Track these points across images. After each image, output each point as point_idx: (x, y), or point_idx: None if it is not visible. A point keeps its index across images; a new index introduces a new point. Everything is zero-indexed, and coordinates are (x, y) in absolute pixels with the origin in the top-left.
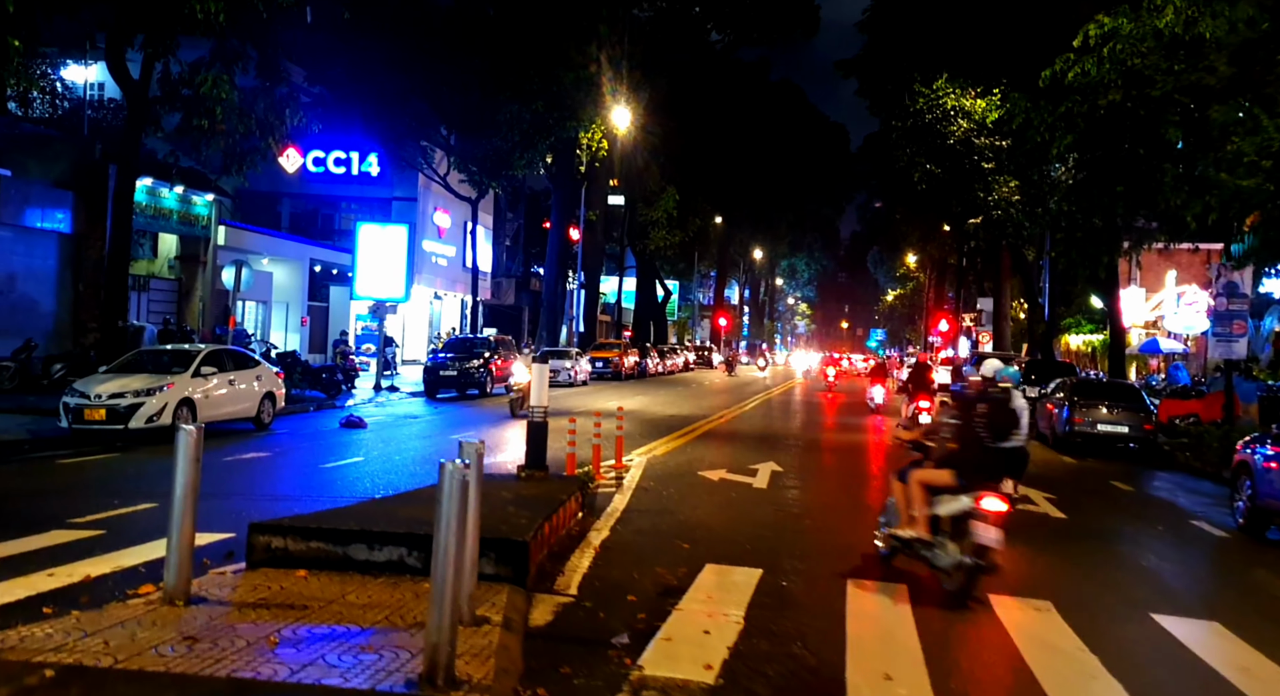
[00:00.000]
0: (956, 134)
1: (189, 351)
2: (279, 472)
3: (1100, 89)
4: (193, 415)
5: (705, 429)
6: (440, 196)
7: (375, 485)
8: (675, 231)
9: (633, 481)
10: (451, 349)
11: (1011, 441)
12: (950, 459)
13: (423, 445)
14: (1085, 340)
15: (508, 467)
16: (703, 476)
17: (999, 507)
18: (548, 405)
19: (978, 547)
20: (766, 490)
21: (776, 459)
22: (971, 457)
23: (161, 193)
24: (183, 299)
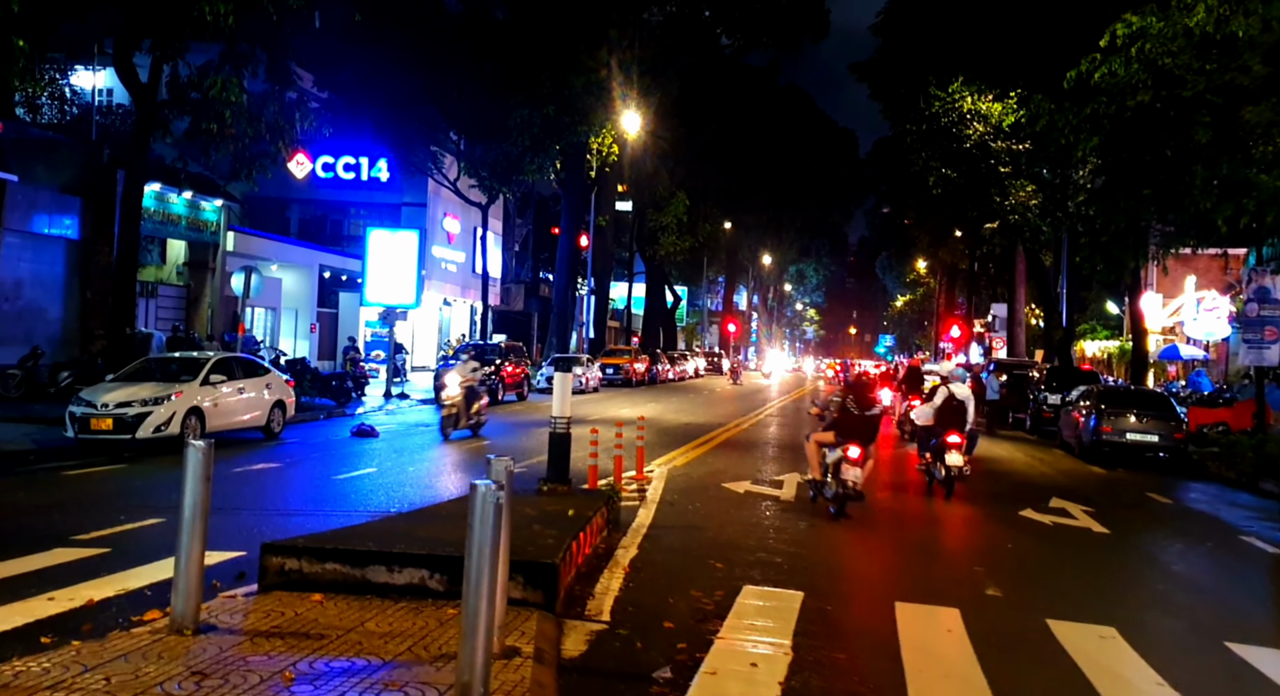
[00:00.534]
0: (973, 137)
1: (197, 359)
2: (290, 485)
3: (1128, 90)
4: (201, 425)
5: (723, 438)
6: (450, 202)
7: (390, 499)
8: (685, 237)
9: (656, 494)
10: (462, 356)
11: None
12: (832, 424)
13: (435, 455)
14: (1101, 347)
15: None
16: (727, 488)
17: (856, 454)
18: (570, 415)
19: (843, 482)
20: (794, 502)
21: (800, 469)
22: (844, 423)
23: (170, 198)
24: (191, 305)
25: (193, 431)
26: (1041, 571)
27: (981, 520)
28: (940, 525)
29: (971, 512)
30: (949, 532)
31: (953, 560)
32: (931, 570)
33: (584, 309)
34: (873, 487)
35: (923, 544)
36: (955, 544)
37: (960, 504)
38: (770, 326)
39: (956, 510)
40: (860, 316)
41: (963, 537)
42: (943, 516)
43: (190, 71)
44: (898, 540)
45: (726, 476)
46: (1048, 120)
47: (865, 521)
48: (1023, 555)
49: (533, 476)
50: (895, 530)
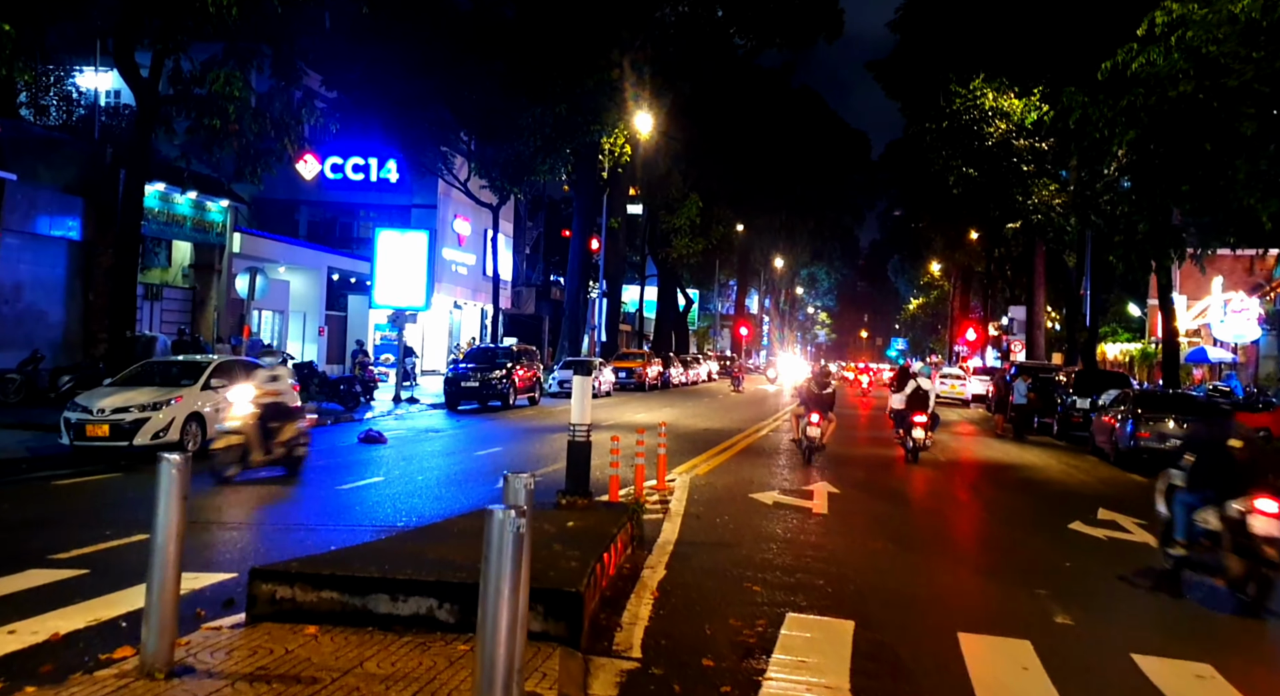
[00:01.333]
0: (995, 135)
1: (199, 362)
2: (292, 495)
3: (1169, 80)
4: (202, 431)
5: (743, 444)
6: (460, 203)
7: (397, 511)
8: (698, 239)
9: (680, 506)
10: (473, 359)
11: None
12: (803, 401)
13: (446, 464)
14: (1123, 349)
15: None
16: (755, 499)
17: (816, 420)
18: (590, 422)
19: (809, 437)
20: (829, 516)
21: (829, 478)
22: (809, 399)
23: (174, 198)
24: (197, 308)
25: (193, 438)
26: (1110, 595)
27: (1029, 535)
28: (990, 542)
29: (1018, 527)
30: (1000, 550)
31: (1010, 582)
32: (990, 594)
33: (596, 312)
34: (910, 498)
35: (975, 563)
36: (1009, 563)
37: (1004, 516)
38: (782, 330)
39: (1002, 524)
40: (871, 320)
41: (1015, 555)
42: (991, 532)
43: (193, 66)
44: (947, 559)
45: (753, 486)
46: (1081, 113)
47: (907, 537)
48: (1084, 575)
49: (549, 487)
50: (942, 547)
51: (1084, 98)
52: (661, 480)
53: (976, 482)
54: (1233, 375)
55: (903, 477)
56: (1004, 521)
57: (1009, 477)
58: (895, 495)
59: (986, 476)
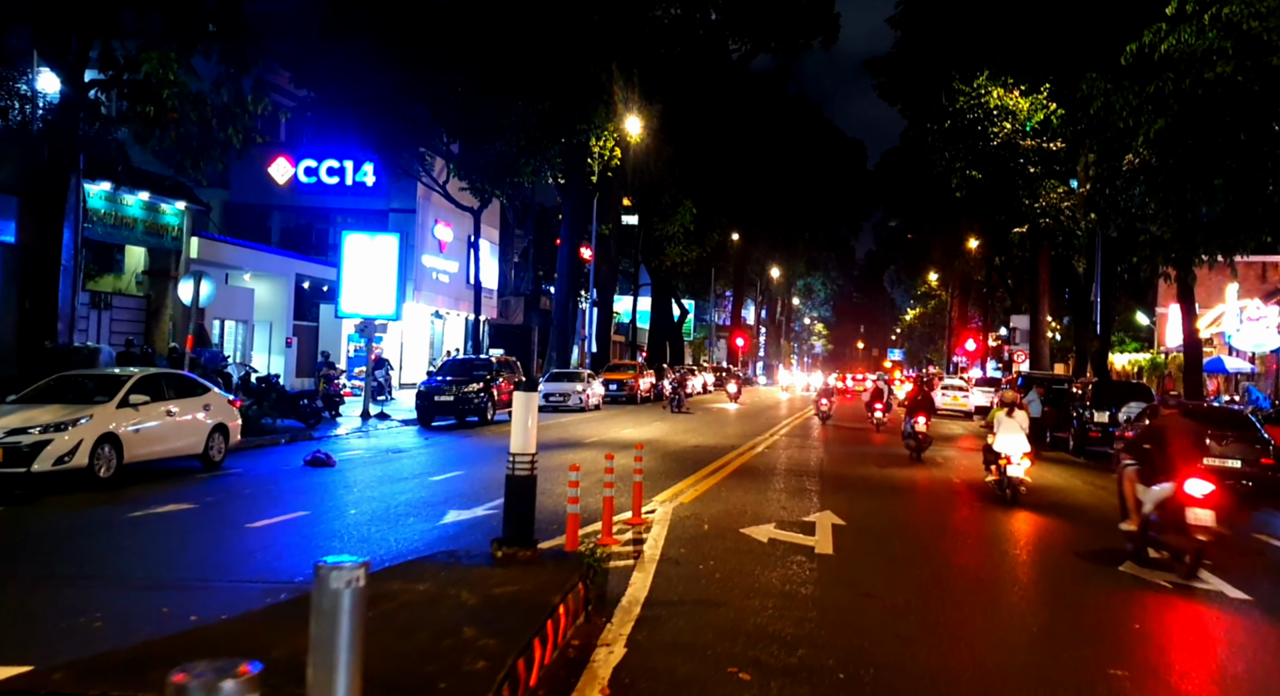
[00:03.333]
0: (1000, 135)
1: (118, 376)
2: (187, 536)
3: (1204, 61)
4: (118, 454)
5: (737, 463)
6: (441, 208)
7: (304, 559)
8: (693, 247)
9: (656, 547)
10: (448, 371)
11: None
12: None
13: (391, 493)
14: (1131, 359)
15: (476, 513)
16: (747, 535)
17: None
18: (535, 451)
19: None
20: (834, 556)
21: (832, 505)
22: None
23: (123, 199)
24: (151, 318)
25: (106, 463)
26: (1208, 675)
27: (1078, 581)
28: (1035, 593)
29: (1063, 570)
30: (1050, 605)
31: (1075, 657)
32: (1053, 677)
33: (586, 322)
34: (927, 530)
35: (1025, 625)
36: (1066, 625)
37: (1042, 555)
38: (779, 341)
39: (1043, 567)
40: (868, 331)
41: (1070, 613)
42: (1032, 578)
43: (125, 49)
44: (988, 619)
45: (745, 517)
46: (1103, 101)
47: (933, 588)
48: (1164, 644)
49: (494, 522)
50: (978, 602)
51: (1106, 84)
52: (637, 512)
53: (998, 511)
54: (1253, 387)
55: (915, 504)
56: (1044, 562)
57: (1033, 502)
58: (909, 527)
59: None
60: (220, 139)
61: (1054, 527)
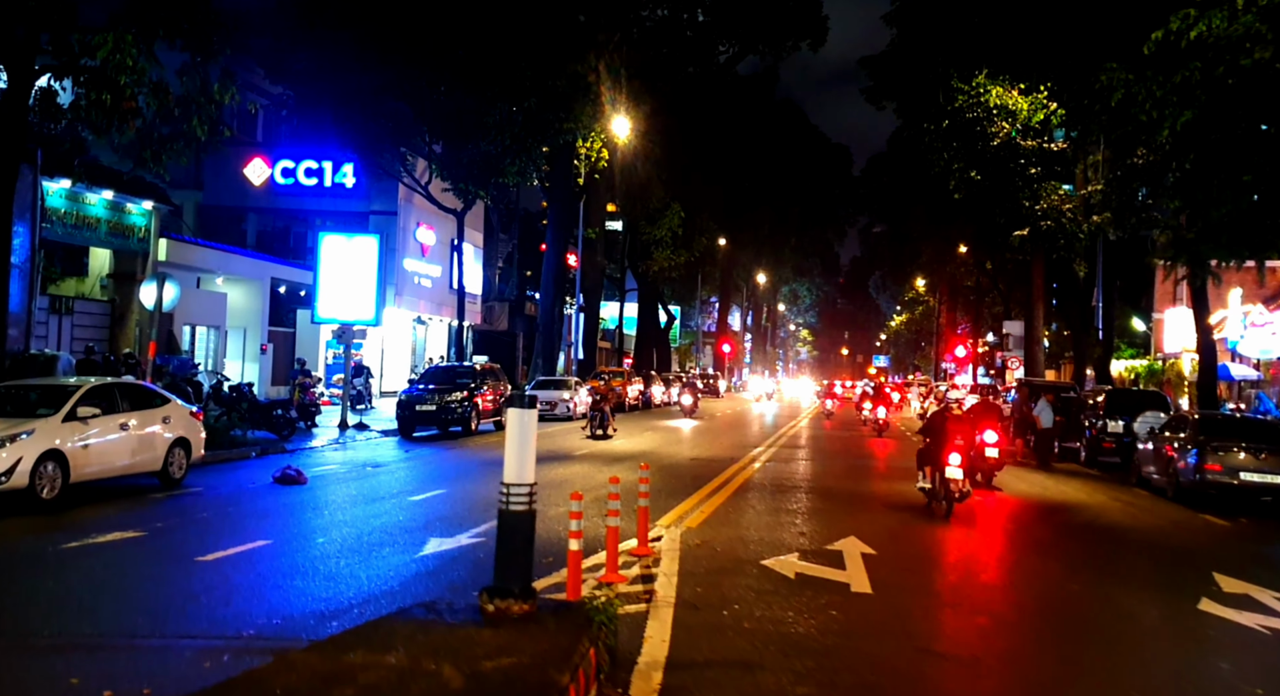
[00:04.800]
0: (1000, 135)
1: (65, 387)
2: (124, 574)
3: (1237, 48)
4: (63, 471)
5: (740, 478)
6: (424, 211)
7: (258, 603)
8: (680, 251)
9: (670, 585)
10: (430, 379)
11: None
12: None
13: (365, 516)
14: (1128, 366)
15: (460, 542)
16: (770, 569)
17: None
18: (534, 482)
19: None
20: (874, 597)
21: (854, 529)
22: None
23: (87, 198)
24: (116, 323)
25: (49, 483)
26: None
27: (1159, 623)
28: (1115, 642)
29: (1133, 609)
30: (1143, 662)
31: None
32: None
33: (573, 328)
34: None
35: (1124, 689)
36: (1174, 689)
37: (1097, 587)
38: (765, 347)
39: (1110, 605)
40: (852, 337)
41: (1176, 679)
42: (1102, 618)
43: (79, 34)
44: (1071, 678)
45: (762, 546)
46: (1123, 93)
47: (993, 635)
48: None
49: (488, 556)
50: (1048, 652)
51: (1127, 75)
52: (643, 540)
53: (1034, 533)
54: (1263, 394)
55: (941, 527)
56: (1106, 597)
57: (1068, 523)
58: (943, 557)
59: (1041, 522)
60: (184, 131)
61: (1102, 555)
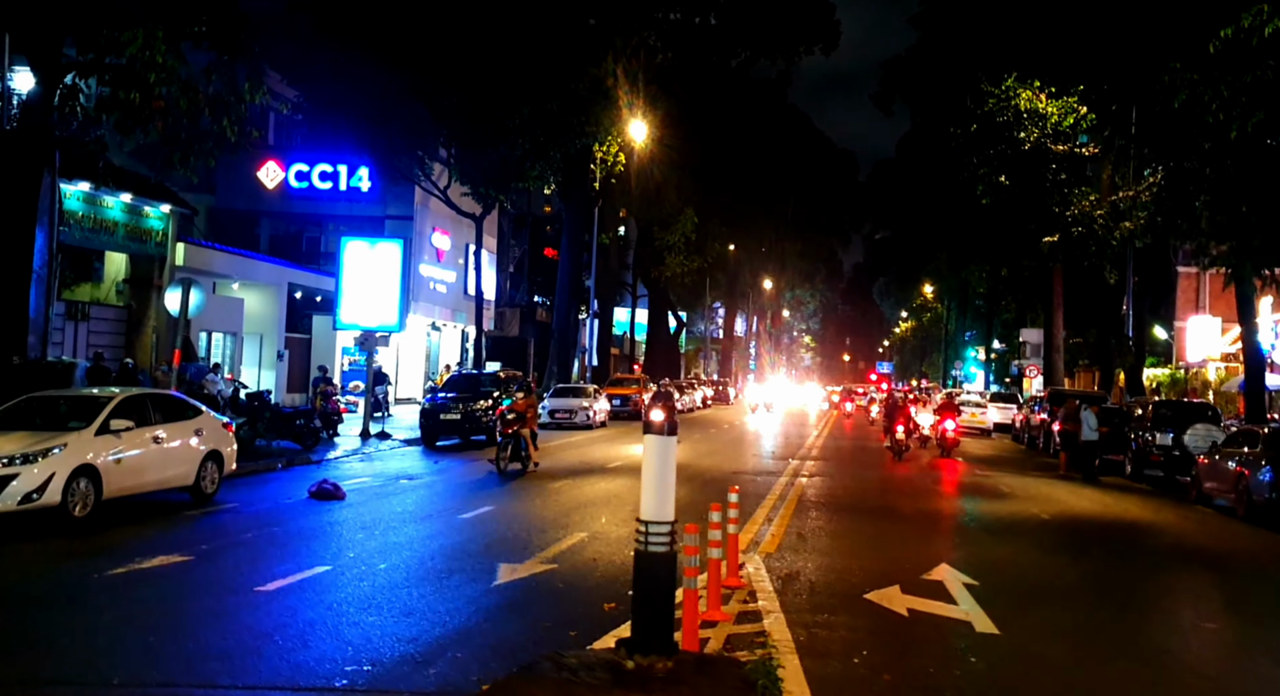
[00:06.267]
0: (1031, 140)
1: (96, 398)
2: (183, 606)
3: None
4: (96, 488)
5: (794, 495)
6: (439, 215)
7: (340, 645)
8: (694, 257)
9: (781, 626)
10: (454, 387)
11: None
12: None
13: (419, 536)
14: (1150, 375)
15: (533, 570)
16: (876, 605)
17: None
18: (674, 519)
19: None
20: (1004, 638)
21: (942, 554)
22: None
23: (103, 201)
24: (133, 329)
25: (82, 500)
26: None
27: None
28: None
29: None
30: None
31: None
32: None
33: (587, 334)
34: (1082, 589)
35: None
36: None
37: (1231, 623)
38: (770, 353)
39: (1257, 644)
40: (854, 343)
41: None
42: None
43: (108, 31)
44: None
45: (854, 574)
46: (1187, 95)
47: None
48: None
49: (568, 586)
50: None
51: (1192, 75)
52: (733, 569)
53: (1130, 554)
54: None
55: (1032, 551)
56: (1256, 639)
57: (1157, 547)
58: (1051, 587)
59: (1128, 544)
60: (214, 131)
61: (1222, 587)
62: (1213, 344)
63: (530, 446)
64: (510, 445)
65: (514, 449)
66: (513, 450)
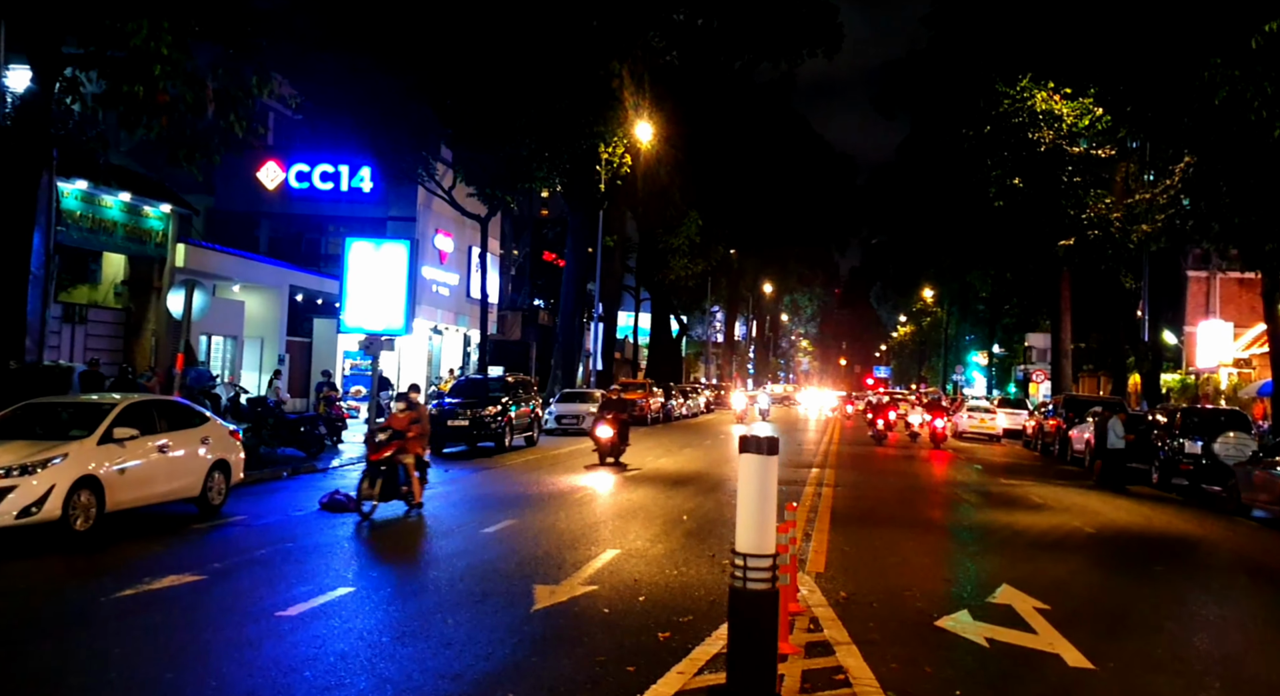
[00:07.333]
0: (1046, 141)
1: (98, 405)
2: (200, 635)
3: None
4: (99, 500)
5: (824, 506)
6: (442, 216)
7: (381, 685)
8: (698, 260)
9: (856, 659)
10: (460, 392)
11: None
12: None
13: (443, 552)
14: (1161, 381)
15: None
16: (952, 634)
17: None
18: (775, 552)
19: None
20: (1100, 675)
21: (1001, 574)
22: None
23: (103, 201)
24: (131, 333)
25: (83, 513)
26: None
27: None
28: None
29: None
30: None
31: None
32: None
33: (591, 338)
34: (1157, 610)
35: None
36: None
37: None
38: (768, 358)
39: None
40: (850, 348)
41: None
42: None
43: (110, 21)
44: None
45: (915, 597)
46: (1228, 91)
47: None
48: None
49: (614, 612)
50: None
51: (1235, 71)
52: (792, 594)
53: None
54: None
55: (1093, 570)
56: None
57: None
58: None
59: (1187, 561)
60: (220, 127)
61: None
62: (1224, 349)
63: (413, 479)
64: (379, 478)
65: (388, 482)
66: (384, 485)
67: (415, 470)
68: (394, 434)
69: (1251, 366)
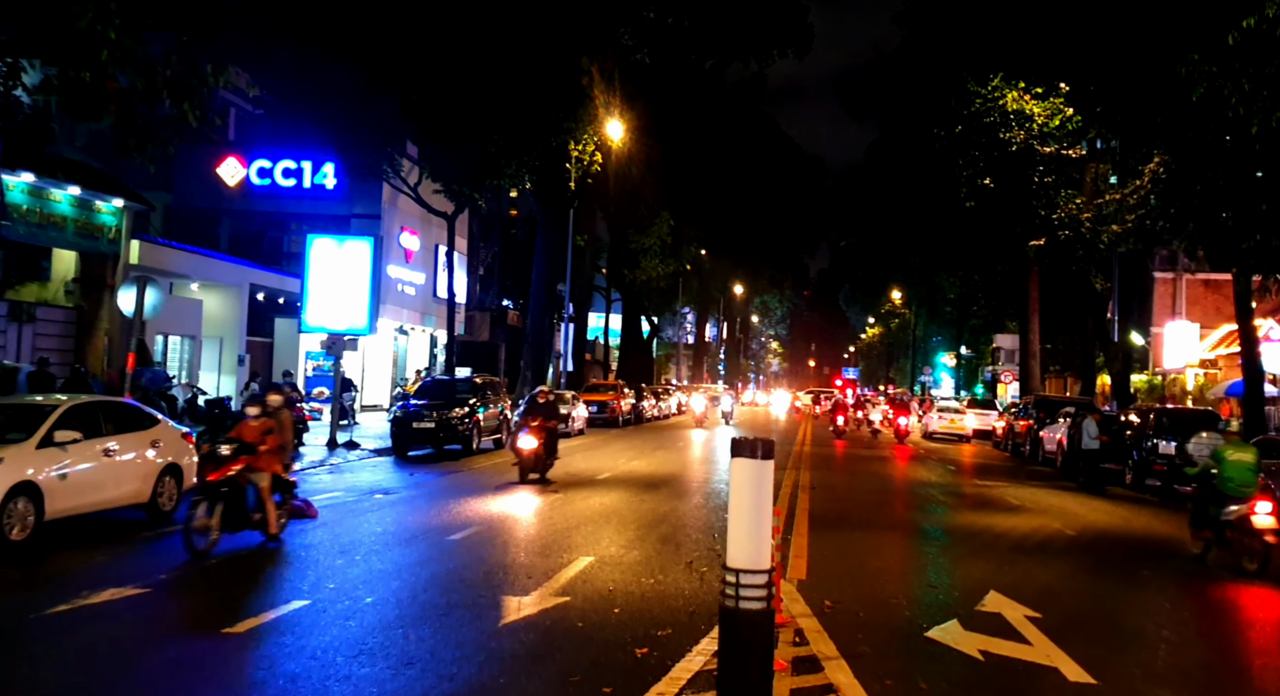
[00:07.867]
0: (1018, 141)
1: (39, 406)
2: (141, 657)
3: None
4: (37, 508)
5: (801, 509)
6: (408, 214)
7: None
8: (669, 260)
9: (846, 675)
10: (427, 394)
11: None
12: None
13: (406, 562)
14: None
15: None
16: (943, 646)
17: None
18: (770, 567)
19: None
20: (1104, 689)
21: (987, 580)
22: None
23: (52, 195)
24: (83, 332)
25: (20, 522)
26: None
27: None
28: None
29: None
30: None
31: None
32: None
33: (561, 339)
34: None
35: None
36: None
37: None
38: (738, 359)
39: None
40: (819, 349)
41: None
42: None
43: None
44: None
45: (900, 605)
46: (1205, 88)
47: None
48: None
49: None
50: None
51: (1211, 68)
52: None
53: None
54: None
55: (1080, 575)
56: None
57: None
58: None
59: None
60: (174, 116)
61: None
62: (1191, 350)
63: (268, 503)
64: (218, 503)
65: (232, 508)
66: (225, 510)
67: (273, 492)
68: (241, 446)
69: (1218, 367)
